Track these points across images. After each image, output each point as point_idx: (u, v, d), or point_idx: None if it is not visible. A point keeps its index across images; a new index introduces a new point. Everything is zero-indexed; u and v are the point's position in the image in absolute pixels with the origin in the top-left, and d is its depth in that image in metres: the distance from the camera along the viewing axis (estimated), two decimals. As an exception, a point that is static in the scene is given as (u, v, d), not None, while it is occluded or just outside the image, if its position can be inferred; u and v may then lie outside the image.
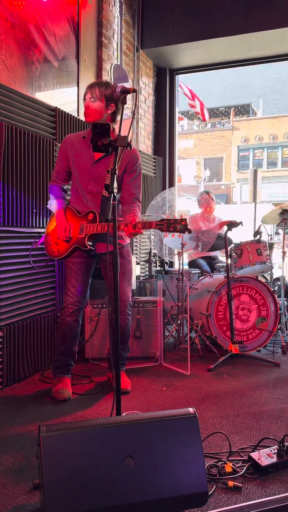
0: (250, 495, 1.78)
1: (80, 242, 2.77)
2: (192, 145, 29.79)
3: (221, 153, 29.34)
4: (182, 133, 29.54)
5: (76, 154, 2.82)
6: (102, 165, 2.78)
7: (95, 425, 1.59)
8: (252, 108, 31.57)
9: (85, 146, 2.81)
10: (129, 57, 4.93)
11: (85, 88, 2.78)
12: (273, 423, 2.43)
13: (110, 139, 2.11)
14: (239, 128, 28.99)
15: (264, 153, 28.44)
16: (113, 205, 1.98)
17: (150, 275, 4.54)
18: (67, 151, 2.84)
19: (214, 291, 3.64)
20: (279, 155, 28.14)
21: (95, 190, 2.79)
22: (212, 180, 28.94)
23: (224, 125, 30.16)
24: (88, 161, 2.80)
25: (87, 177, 2.80)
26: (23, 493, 1.79)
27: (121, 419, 1.64)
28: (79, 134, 2.90)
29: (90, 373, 3.24)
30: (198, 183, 27.19)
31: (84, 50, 4.05)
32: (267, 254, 3.89)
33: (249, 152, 28.82)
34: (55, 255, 2.87)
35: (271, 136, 28.12)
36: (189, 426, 1.66)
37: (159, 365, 3.49)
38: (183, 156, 28.87)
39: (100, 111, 2.74)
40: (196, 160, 29.66)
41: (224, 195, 28.03)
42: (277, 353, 3.81)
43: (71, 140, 2.87)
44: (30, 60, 3.33)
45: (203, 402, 2.74)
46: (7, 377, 2.96)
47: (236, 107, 31.49)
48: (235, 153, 29.03)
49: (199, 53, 5.35)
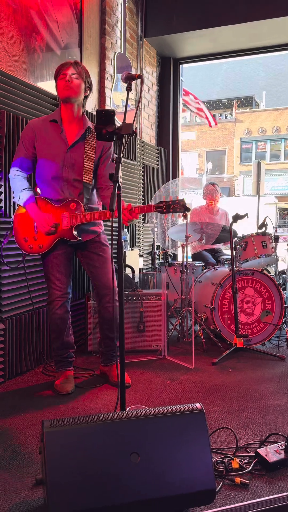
0: (258, 492, 1.74)
1: (66, 234, 2.65)
2: (194, 137, 29.61)
3: (224, 145, 29.17)
4: (184, 125, 29.34)
5: (46, 140, 2.65)
6: (77, 151, 2.65)
7: (100, 421, 1.55)
8: (255, 100, 31.33)
9: (56, 131, 2.65)
10: (133, 46, 4.85)
11: (60, 65, 2.62)
12: (279, 417, 2.39)
13: (115, 126, 2.05)
14: (242, 120, 28.80)
15: (267, 146, 28.26)
16: (118, 195, 1.92)
17: (153, 268, 4.48)
18: (34, 137, 2.65)
19: (219, 284, 3.59)
20: (282, 148, 27.96)
21: (71, 177, 2.66)
22: (214, 173, 28.79)
23: (227, 117, 29.96)
24: (61, 147, 2.64)
25: (62, 163, 2.64)
26: (26, 489, 1.76)
27: (126, 415, 1.59)
28: (45, 119, 2.71)
29: (93, 366, 3.20)
30: (201, 176, 27.05)
31: (87, 38, 3.97)
32: (273, 247, 3.83)
33: (252, 144, 28.64)
34: (35, 251, 2.68)
35: (274, 129, 27.93)
36: (196, 422, 1.61)
37: (163, 359, 3.45)
38: (185, 149, 28.71)
39: (81, 91, 2.64)
40: (198, 153, 29.50)
41: (227, 188, 27.91)
42: (282, 346, 3.77)
43: (38, 125, 2.67)
44: (32, 47, 3.26)
45: (208, 396, 2.70)
46: (9, 370, 2.92)
47: (239, 99, 31.26)
48: (237, 146, 28.86)
49: (203, 42, 5.25)
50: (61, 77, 2.59)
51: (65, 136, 2.66)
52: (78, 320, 3.69)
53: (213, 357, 3.39)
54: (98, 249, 2.77)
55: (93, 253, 2.77)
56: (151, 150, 5.30)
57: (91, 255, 2.77)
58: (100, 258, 2.76)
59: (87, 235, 2.74)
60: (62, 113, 2.67)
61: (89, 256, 2.78)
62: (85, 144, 2.69)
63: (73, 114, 2.67)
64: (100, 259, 2.76)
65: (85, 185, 2.69)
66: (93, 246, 2.76)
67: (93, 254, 2.77)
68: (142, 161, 5.03)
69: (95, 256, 2.76)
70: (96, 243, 2.77)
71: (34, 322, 3.11)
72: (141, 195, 4.98)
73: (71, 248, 2.77)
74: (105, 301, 2.77)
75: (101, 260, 2.75)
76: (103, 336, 2.88)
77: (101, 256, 2.76)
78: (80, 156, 2.67)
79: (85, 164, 2.68)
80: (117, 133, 2.03)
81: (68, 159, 2.66)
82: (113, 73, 4.37)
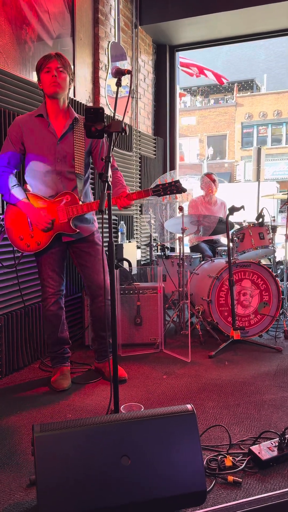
0: (250, 491, 1.75)
1: (64, 228, 2.63)
2: (194, 122, 29.32)
3: (225, 130, 28.88)
4: (185, 109, 29.05)
5: (34, 135, 2.61)
6: (67, 142, 2.63)
7: (90, 424, 1.55)
8: (256, 84, 30.93)
9: (44, 125, 2.62)
10: (127, 34, 4.77)
11: (42, 58, 2.55)
12: (274, 413, 2.39)
13: (104, 124, 2.02)
14: (242, 104, 28.46)
15: (268, 130, 27.96)
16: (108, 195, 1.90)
17: (150, 260, 4.47)
18: (22, 133, 2.61)
19: (216, 276, 3.58)
20: (283, 132, 27.66)
21: (65, 169, 2.63)
22: (215, 158, 28.58)
23: (227, 101, 29.61)
24: (51, 140, 2.62)
25: (53, 156, 2.61)
26: (20, 490, 1.77)
27: (117, 417, 1.60)
28: (31, 114, 2.67)
29: (90, 361, 3.21)
30: (201, 162, 26.86)
31: (80, 27, 3.90)
32: (270, 238, 3.80)
33: (253, 129, 28.34)
34: (33, 248, 2.65)
35: (275, 112, 27.62)
36: (187, 424, 1.62)
37: (160, 352, 3.46)
38: (185, 134, 28.46)
39: (67, 85, 2.60)
40: (199, 138, 29.25)
41: (228, 173, 27.73)
42: (279, 338, 3.77)
43: (24, 121, 2.63)
44: (23, 39, 3.20)
45: (203, 391, 2.71)
46: (6, 367, 2.93)
47: (240, 82, 30.85)
48: (238, 130, 28.57)
49: (200, 29, 5.16)
50: (46, 70, 2.54)
51: (53, 129, 2.63)
52: (75, 314, 3.69)
53: (210, 350, 3.40)
54: (91, 249, 2.75)
55: (86, 253, 2.75)
56: (147, 140, 5.25)
57: (84, 255, 2.75)
58: (92, 258, 2.74)
59: (82, 231, 2.72)
60: (48, 108, 2.63)
61: (82, 255, 2.76)
62: (73, 134, 2.65)
63: (59, 107, 2.63)
64: (92, 259, 2.74)
65: (78, 176, 2.66)
66: (86, 245, 2.74)
67: (86, 254, 2.75)
68: (139, 151, 4.98)
69: (87, 256, 2.74)
70: (90, 242, 2.75)
71: (27, 319, 3.11)
72: (138, 187, 4.94)
73: (64, 246, 2.75)
74: (98, 300, 2.77)
75: (93, 261, 2.74)
76: (96, 335, 2.88)
77: (94, 257, 2.74)
78: (70, 147, 2.64)
79: (75, 154, 2.64)
80: (107, 131, 2.00)
81: (59, 152, 2.62)
82: (107, 63, 4.31)
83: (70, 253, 2.82)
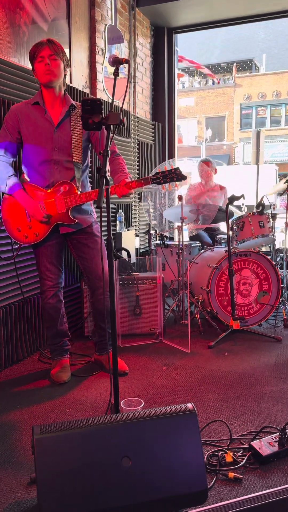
0: (251, 487, 1.75)
1: (62, 218, 2.59)
2: (193, 103, 28.95)
3: (223, 111, 28.54)
4: (183, 90, 28.66)
5: (31, 123, 2.56)
6: (64, 130, 2.58)
7: (91, 425, 1.54)
8: (255, 64, 30.47)
9: (40, 113, 2.57)
10: (124, 17, 4.64)
11: (34, 46, 2.48)
12: (274, 405, 2.39)
13: (102, 116, 1.96)
14: (241, 85, 28.07)
15: (267, 111, 27.64)
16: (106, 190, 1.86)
17: (149, 248, 4.44)
18: (18, 122, 2.55)
19: (215, 266, 3.56)
20: (282, 113, 27.35)
21: (63, 158, 2.58)
22: (214, 140, 28.30)
23: (226, 82, 29.20)
24: (48, 128, 2.56)
25: (50, 145, 2.56)
26: (21, 488, 1.77)
27: (118, 418, 1.58)
28: (27, 102, 2.61)
29: (89, 351, 3.20)
30: (200, 144, 26.60)
31: (76, 10, 3.79)
32: (270, 227, 3.76)
33: (251, 110, 28.02)
34: (31, 240, 2.61)
35: (274, 93, 27.27)
36: (188, 423, 1.61)
37: (159, 342, 3.45)
38: (184, 115, 28.13)
39: (61, 72, 2.53)
40: (197, 119, 28.92)
41: (226, 155, 27.49)
42: (278, 326, 3.77)
43: (21, 109, 2.58)
44: (17, 24, 3.11)
45: (203, 383, 2.70)
46: (5, 359, 2.93)
47: (239, 62, 30.39)
48: (237, 112, 28.24)
49: (199, 10, 5.03)
50: (39, 60, 2.47)
51: (50, 117, 2.57)
52: (74, 304, 3.67)
53: (209, 340, 3.39)
54: (90, 241, 2.71)
55: (85, 245, 2.71)
56: (146, 125, 5.16)
57: (83, 248, 2.71)
58: (91, 251, 2.70)
59: (81, 221, 2.67)
60: (44, 95, 2.57)
61: (81, 248, 2.72)
62: (70, 121, 2.60)
63: (55, 95, 2.57)
64: (91, 251, 2.70)
65: (76, 165, 2.61)
66: (85, 237, 2.70)
67: (84, 247, 2.71)
68: (137, 137, 4.90)
69: (85, 248, 2.71)
70: (89, 234, 2.71)
71: (26, 310, 3.09)
72: (136, 173, 4.88)
73: (62, 238, 2.72)
74: (99, 293, 2.74)
75: (92, 253, 2.70)
76: (97, 327, 2.86)
77: (93, 249, 2.70)
78: (67, 135, 2.58)
79: (73, 142, 2.59)
80: (104, 123, 1.94)
81: (57, 140, 2.57)
82: (104, 47, 4.20)
83: (69, 245, 2.78)
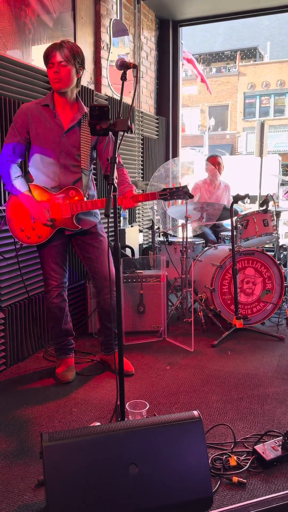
0: (255, 492, 1.78)
1: (67, 223, 2.60)
2: (196, 91, 28.70)
3: (227, 100, 28.31)
4: (186, 78, 28.37)
5: (41, 124, 2.54)
6: (73, 136, 2.58)
7: (98, 433, 1.57)
8: (259, 52, 30.13)
9: (50, 115, 2.55)
10: (129, 10, 4.59)
11: (47, 50, 2.45)
12: (277, 407, 2.42)
13: (110, 122, 1.96)
14: (245, 74, 27.80)
15: (271, 100, 27.40)
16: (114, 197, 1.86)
17: (153, 244, 4.44)
18: (28, 121, 2.53)
19: (219, 265, 3.57)
20: (286, 102, 27.11)
21: (69, 163, 2.59)
22: (217, 129, 28.12)
23: (230, 70, 28.92)
24: (57, 132, 2.55)
25: (58, 149, 2.56)
26: (29, 490, 1.80)
27: (124, 425, 1.61)
28: (38, 102, 2.60)
29: (94, 349, 3.23)
30: (203, 133, 26.43)
31: (81, 5, 3.75)
32: (274, 225, 3.77)
33: (255, 99, 27.78)
34: (33, 241, 2.62)
35: (278, 82, 27.00)
36: (194, 430, 1.63)
37: (163, 341, 3.48)
38: (187, 104, 27.90)
39: (71, 78, 2.50)
40: (200, 108, 28.70)
41: (229, 145, 27.33)
42: (281, 325, 3.79)
43: (31, 109, 2.55)
44: (22, 21, 3.08)
45: (207, 383, 2.73)
46: (10, 357, 2.96)
47: (243, 50, 30.05)
48: (241, 100, 28.00)
49: (204, 3, 4.98)
50: (50, 65, 2.46)
51: (60, 121, 2.56)
52: (78, 302, 3.69)
53: (212, 338, 3.42)
54: (94, 241, 2.72)
55: (89, 245, 2.72)
56: (150, 120, 5.13)
57: (87, 248, 2.73)
58: (96, 250, 2.72)
59: (85, 224, 2.69)
60: (55, 99, 2.56)
61: (85, 248, 2.73)
62: (80, 129, 2.59)
63: (66, 99, 2.56)
64: (96, 251, 2.72)
65: (83, 171, 2.62)
66: (89, 237, 2.71)
67: (89, 246, 2.72)
68: (141, 132, 4.88)
69: (91, 248, 2.72)
70: (93, 234, 2.72)
71: (31, 310, 3.12)
72: (140, 169, 4.87)
73: (67, 238, 2.73)
74: (104, 292, 2.76)
75: (97, 253, 2.71)
76: (103, 326, 2.88)
77: (98, 249, 2.72)
78: (76, 141, 2.58)
79: (82, 149, 2.59)
80: (112, 130, 1.94)
81: (64, 145, 2.57)
82: (109, 42, 4.17)
83: (73, 245, 2.79)
